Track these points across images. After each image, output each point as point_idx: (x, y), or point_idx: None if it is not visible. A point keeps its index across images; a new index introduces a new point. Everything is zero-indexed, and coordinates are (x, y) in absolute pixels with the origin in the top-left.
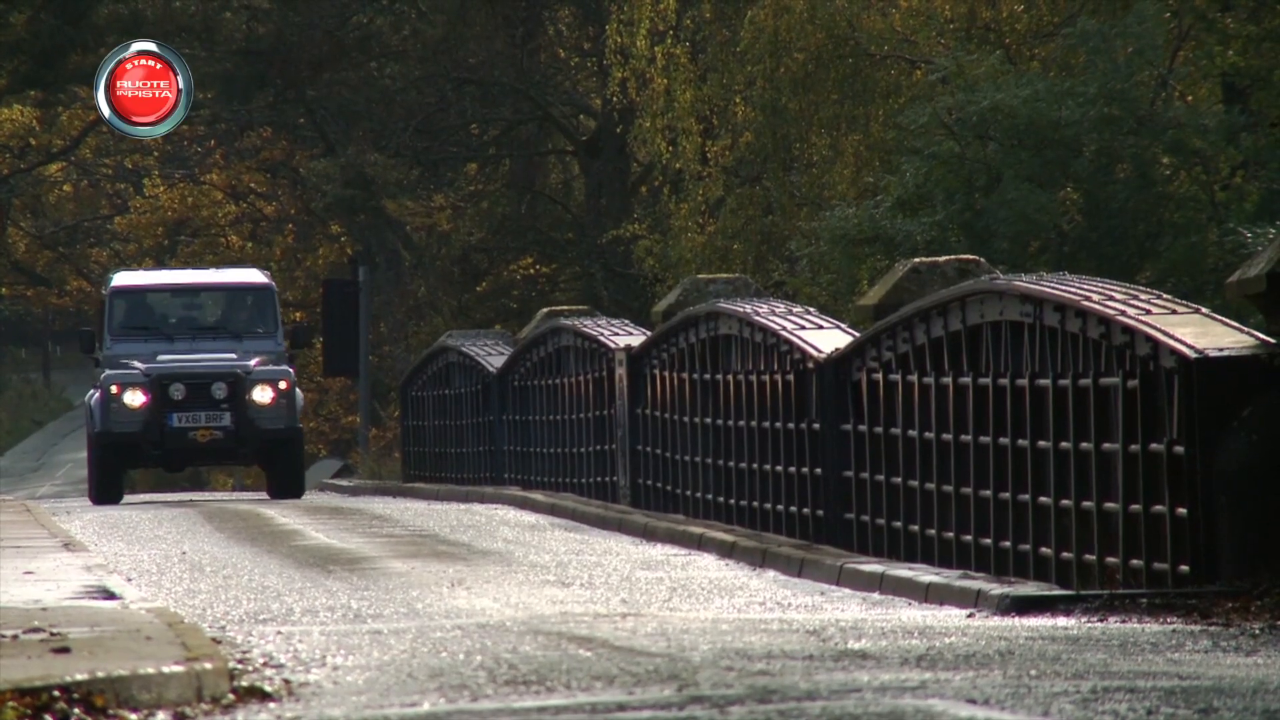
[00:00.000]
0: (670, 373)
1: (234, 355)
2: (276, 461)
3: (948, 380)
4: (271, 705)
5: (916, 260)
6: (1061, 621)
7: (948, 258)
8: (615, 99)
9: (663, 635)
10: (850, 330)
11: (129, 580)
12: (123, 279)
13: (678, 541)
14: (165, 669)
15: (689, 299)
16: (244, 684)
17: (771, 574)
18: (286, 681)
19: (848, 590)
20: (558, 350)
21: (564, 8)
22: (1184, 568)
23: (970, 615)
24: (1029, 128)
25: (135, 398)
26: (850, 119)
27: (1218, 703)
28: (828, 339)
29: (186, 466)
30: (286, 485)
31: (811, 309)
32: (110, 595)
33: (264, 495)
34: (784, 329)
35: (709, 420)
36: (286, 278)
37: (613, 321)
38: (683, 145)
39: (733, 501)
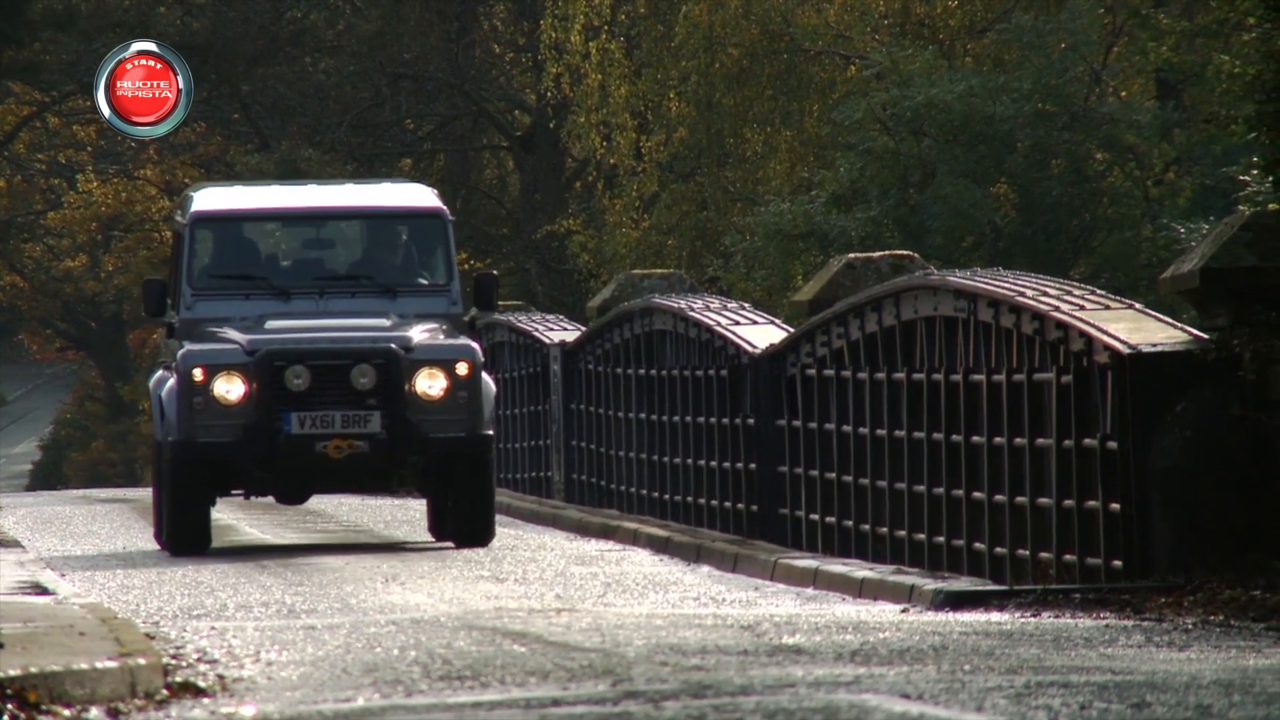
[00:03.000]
0: (605, 368)
1: (386, 321)
2: (453, 487)
3: (882, 376)
4: (205, 701)
5: (851, 256)
6: (995, 617)
7: (882, 253)
8: (550, 94)
9: (597, 631)
10: (785, 326)
11: (62, 576)
12: (210, 199)
13: (612, 537)
14: (99, 665)
15: (624, 294)
16: (178, 679)
17: (706, 569)
18: (220, 677)
19: (782, 585)
20: (492, 345)
21: (499, 3)
22: (1117, 563)
23: (904, 610)
24: (963, 123)
25: (232, 388)
26: (785, 114)
27: (1151, 698)
28: (762, 334)
29: (311, 494)
30: (470, 522)
31: (746, 304)
32: (43, 591)
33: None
34: (719, 324)
35: (644, 415)
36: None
37: (547, 317)
38: (617, 141)
39: (667, 497)
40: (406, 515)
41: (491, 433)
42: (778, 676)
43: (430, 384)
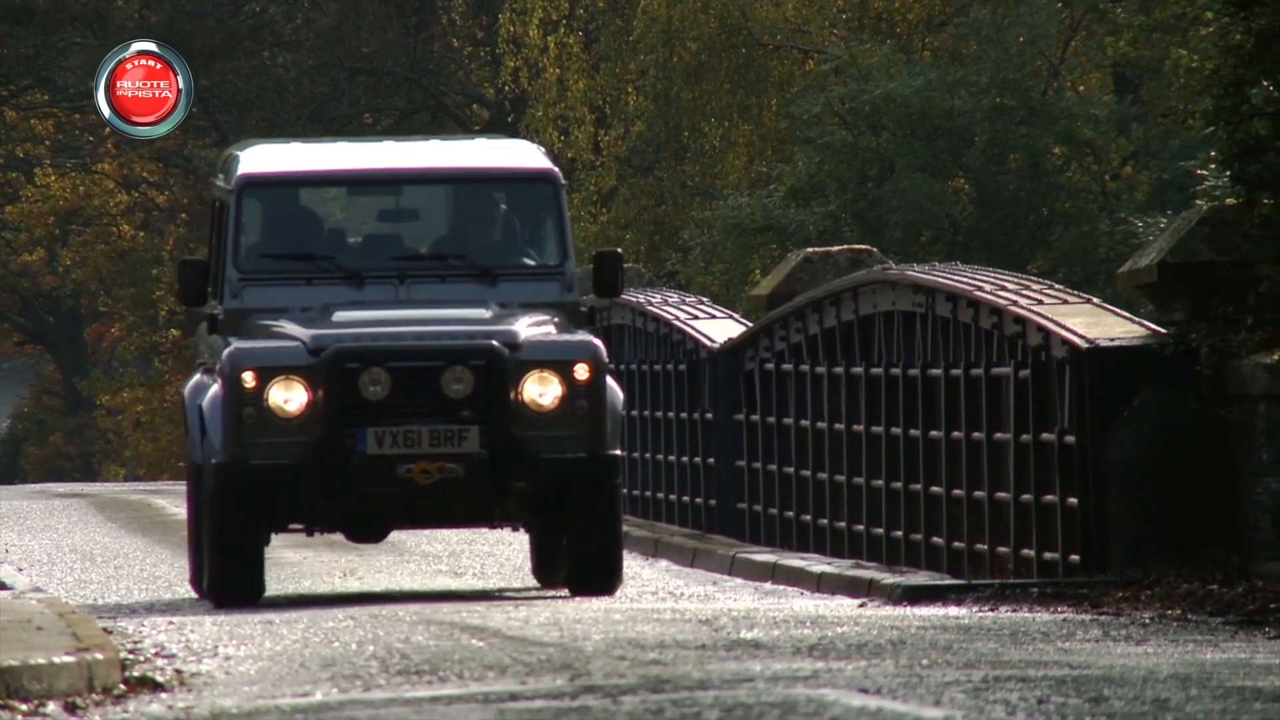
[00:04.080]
0: None
1: (484, 312)
2: (570, 520)
3: (840, 370)
4: (163, 695)
5: (809, 250)
6: (953, 611)
7: (840, 247)
8: (508, 88)
9: (555, 625)
10: (743, 320)
11: (20, 570)
12: (261, 158)
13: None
14: (56, 659)
15: (582, 289)
16: (135, 674)
17: (664, 563)
18: (178, 672)
19: (740, 580)
20: None
21: None
22: (1075, 557)
23: (862, 605)
24: (921, 117)
25: (291, 396)
26: (743, 108)
27: (1108, 692)
28: (721, 329)
29: (390, 530)
30: (591, 563)
31: (704, 299)
32: (1, 585)
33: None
34: (677, 319)
35: None
36: (179, 268)
37: None
38: (575, 135)
39: (625, 491)
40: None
41: (619, 452)
42: (736, 671)
43: (542, 391)
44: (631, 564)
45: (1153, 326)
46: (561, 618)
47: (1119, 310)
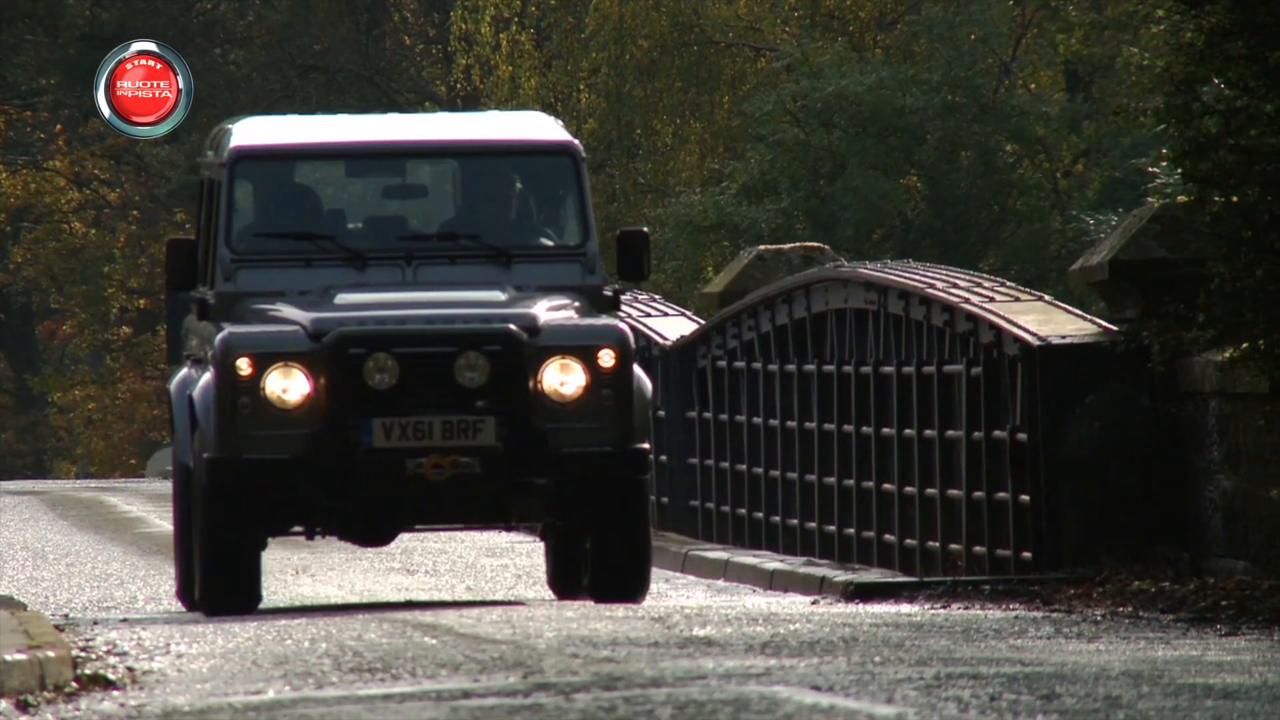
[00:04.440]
0: None
1: (499, 294)
2: (593, 521)
3: (792, 368)
4: (115, 693)
5: (761, 247)
6: (905, 608)
7: (792, 245)
8: (460, 86)
9: (508, 623)
10: (695, 318)
11: None
12: (256, 131)
13: (522, 529)
14: (7, 657)
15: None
16: (87, 672)
17: None
18: (130, 669)
19: (692, 577)
20: None
21: None
22: (1026, 554)
23: (815, 602)
24: (873, 115)
25: (291, 385)
26: (695, 106)
27: (1060, 689)
28: (673, 326)
29: (399, 531)
30: (618, 568)
31: (657, 296)
32: None
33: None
34: (629, 316)
35: None
36: (130, 265)
37: None
38: None
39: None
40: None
41: (647, 446)
42: (688, 668)
43: (563, 379)
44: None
45: (1104, 324)
46: (514, 615)
47: (1071, 308)
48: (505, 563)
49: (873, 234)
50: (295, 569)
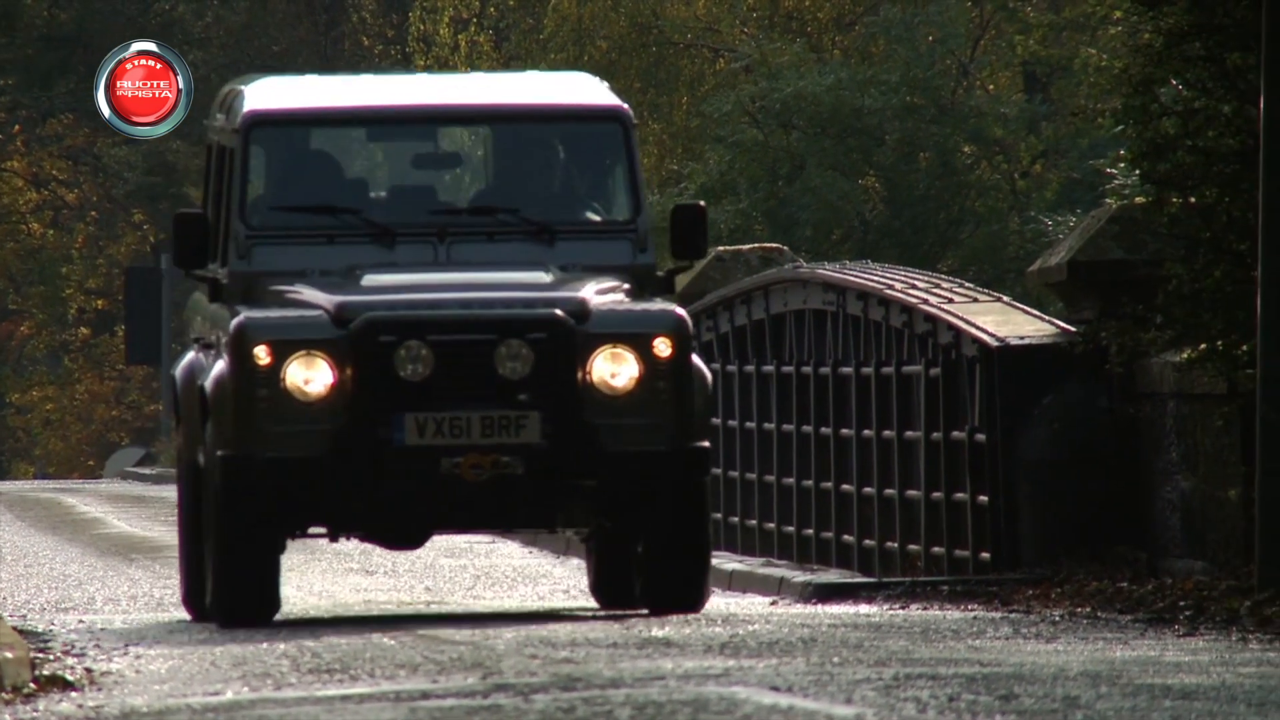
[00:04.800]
0: None
1: (544, 275)
2: (646, 526)
3: (751, 368)
4: (74, 694)
5: (720, 249)
6: (864, 609)
7: (751, 246)
8: None
9: (467, 623)
10: None
11: None
12: (272, 93)
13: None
14: None
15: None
16: (45, 673)
17: (575, 562)
18: (89, 670)
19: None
20: None
21: None
22: (985, 555)
23: (773, 603)
24: (832, 116)
25: (314, 375)
26: (654, 107)
27: (1018, 689)
28: None
29: (431, 535)
30: (673, 576)
31: None
32: None
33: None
34: None
35: None
36: (88, 265)
37: None
38: None
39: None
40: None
41: (707, 444)
42: (647, 669)
43: (615, 369)
44: (542, 561)
45: (1063, 325)
46: (474, 615)
47: (1029, 309)
48: (464, 563)
49: (831, 235)
50: None
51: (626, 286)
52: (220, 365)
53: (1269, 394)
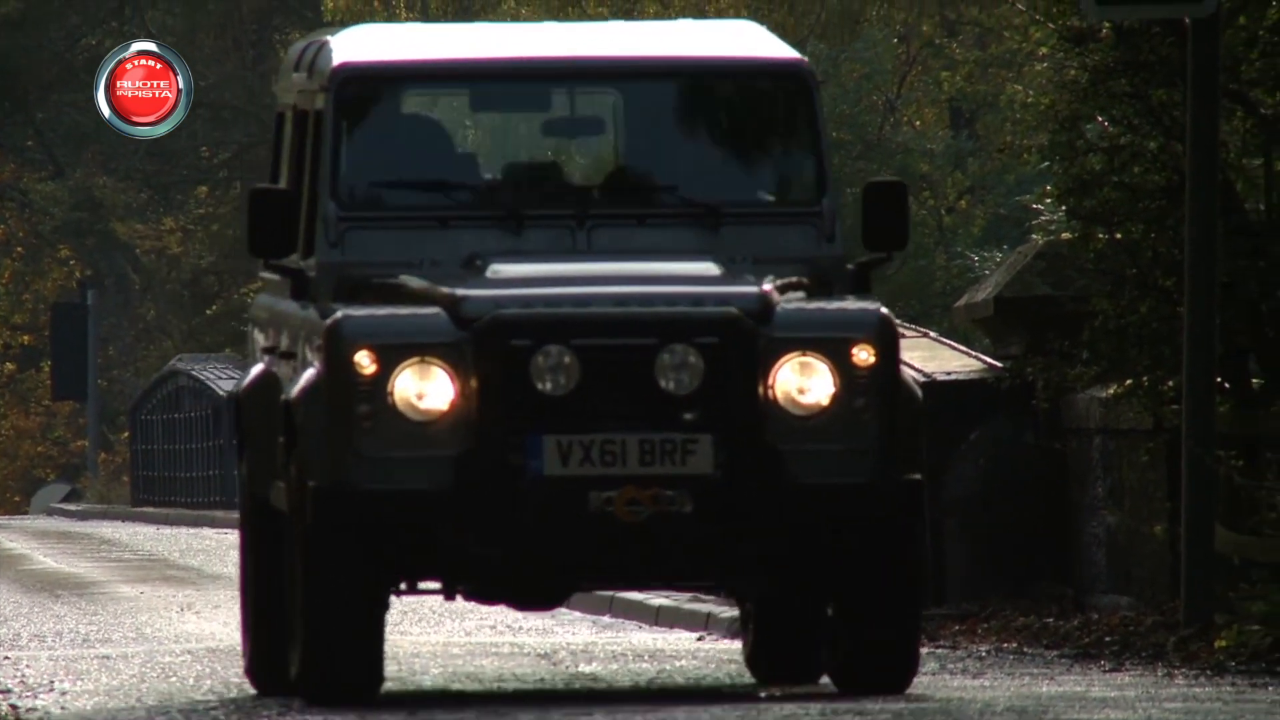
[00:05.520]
0: None
1: (711, 267)
2: (847, 581)
3: None
4: None
5: None
6: None
7: None
8: None
9: (393, 659)
10: None
11: None
12: (367, 44)
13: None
14: None
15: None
16: None
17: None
18: (14, 707)
19: (579, 613)
20: None
21: (294, 30)
22: None
23: (700, 638)
24: None
25: (430, 387)
26: None
27: None
28: None
29: (573, 592)
30: (879, 646)
31: None
32: None
33: None
34: None
35: None
36: (14, 301)
37: None
38: None
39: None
40: (202, 544)
41: (919, 476)
42: (574, 706)
43: (804, 383)
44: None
45: (989, 360)
46: (400, 651)
47: (956, 344)
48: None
49: None
50: (180, 606)
51: (808, 282)
52: (309, 375)
53: (1194, 430)
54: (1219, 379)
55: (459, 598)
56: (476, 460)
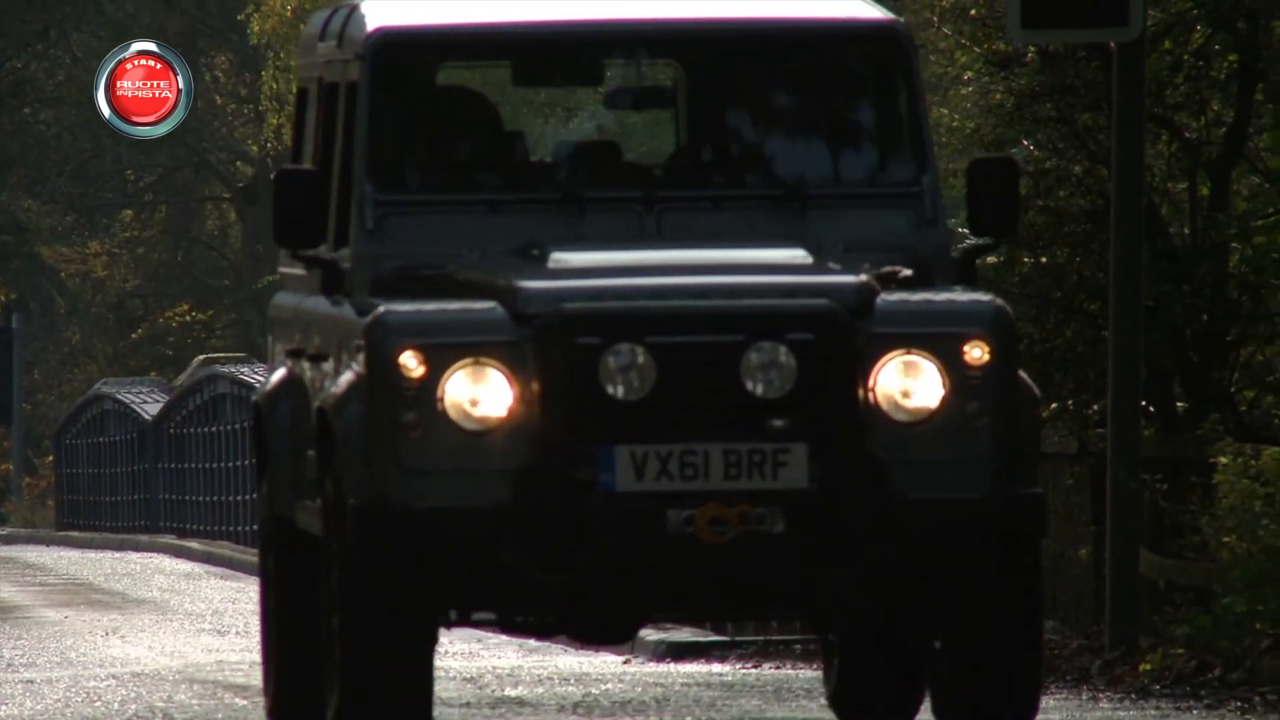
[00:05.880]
0: None
1: (802, 255)
2: (960, 610)
3: None
4: None
5: None
6: (717, 668)
7: None
8: (271, 145)
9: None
10: None
11: None
12: (401, 8)
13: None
14: None
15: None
16: None
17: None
18: None
19: (504, 637)
20: (214, 398)
21: (220, 54)
22: None
23: (626, 661)
24: None
25: (485, 391)
26: None
27: None
28: None
29: (645, 624)
30: (996, 684)
31: None
32: None
33: None
34: None
35: None
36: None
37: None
38: None
39: (258, 556)
40: (127, 569)
41: (1040, 491)
42: None
43: (910, 385)
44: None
45: None
46: None
47: None
48: None
49: None
50: (105, 630)
51: (909, 273)
52: (347, 380)
53: (1119, 453)
54: (1143, 403)
55: (516, 631)
56: (538, 474)
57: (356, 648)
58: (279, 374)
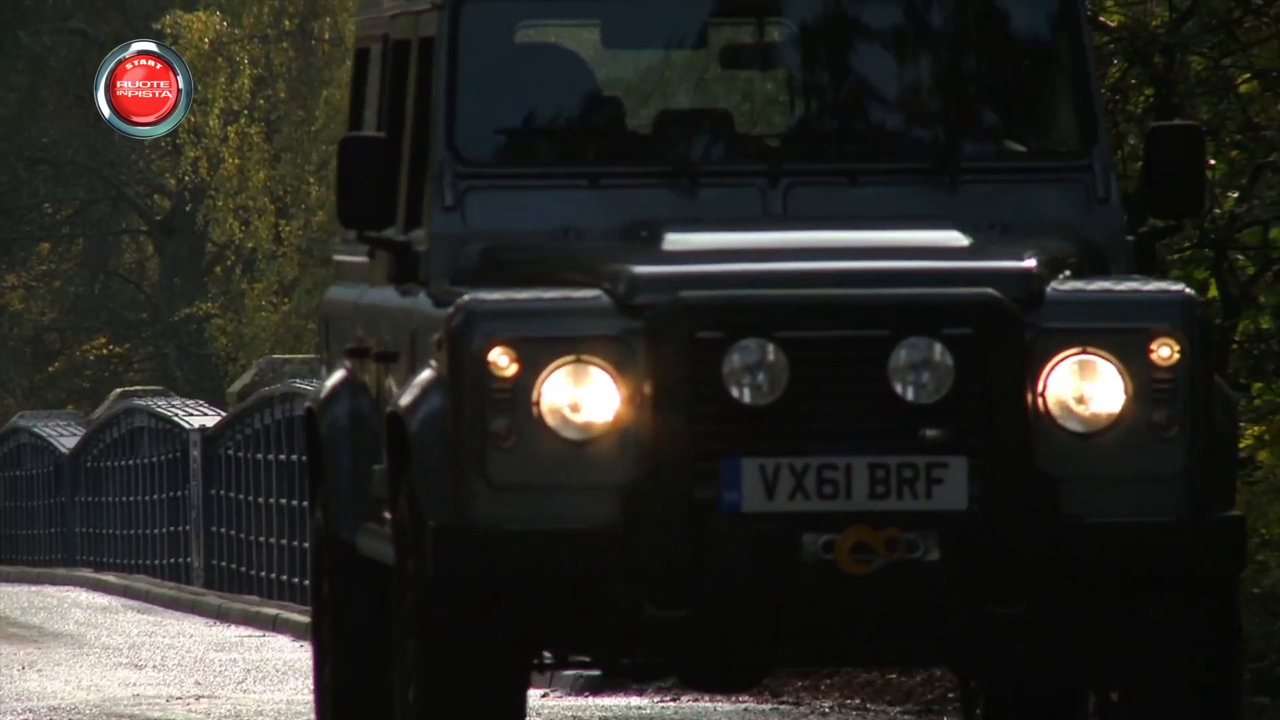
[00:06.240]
0: (246, 454)
1: (959, 237)
2: (1149, 651)
3: None
4: None
5: None
6: (635, 700)
7: None
8: (189, 178)
9: (236, 718)
10: None
11: None
12: None
13: (252, 623)
14: None
15: (264, 379)
16: None
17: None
18: None
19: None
20: (131, 431)
21: None
22: None
23: (544, 695)
24: None
25: (585, 394)
26: None
27: None
28: None
29: (775, 667)
30: None
31: None
32: None
33: None
34: None
35: (284, 501)
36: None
37: (187, 402)
38: (256, 225)
39: (309, 583)
40: (43, 602)
41: (1241, 514)
42: None
43: (1086, 389)
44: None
45: None
46: (243, 710)
47: None
48: (234, 657)
49: None
50: (21, 664)
51: (1081, 258)
52: (425, 381)
53: None
54: None
55: (621, 675)
56: (651, 491)
57: (436, 693)
58: (337, 376)
